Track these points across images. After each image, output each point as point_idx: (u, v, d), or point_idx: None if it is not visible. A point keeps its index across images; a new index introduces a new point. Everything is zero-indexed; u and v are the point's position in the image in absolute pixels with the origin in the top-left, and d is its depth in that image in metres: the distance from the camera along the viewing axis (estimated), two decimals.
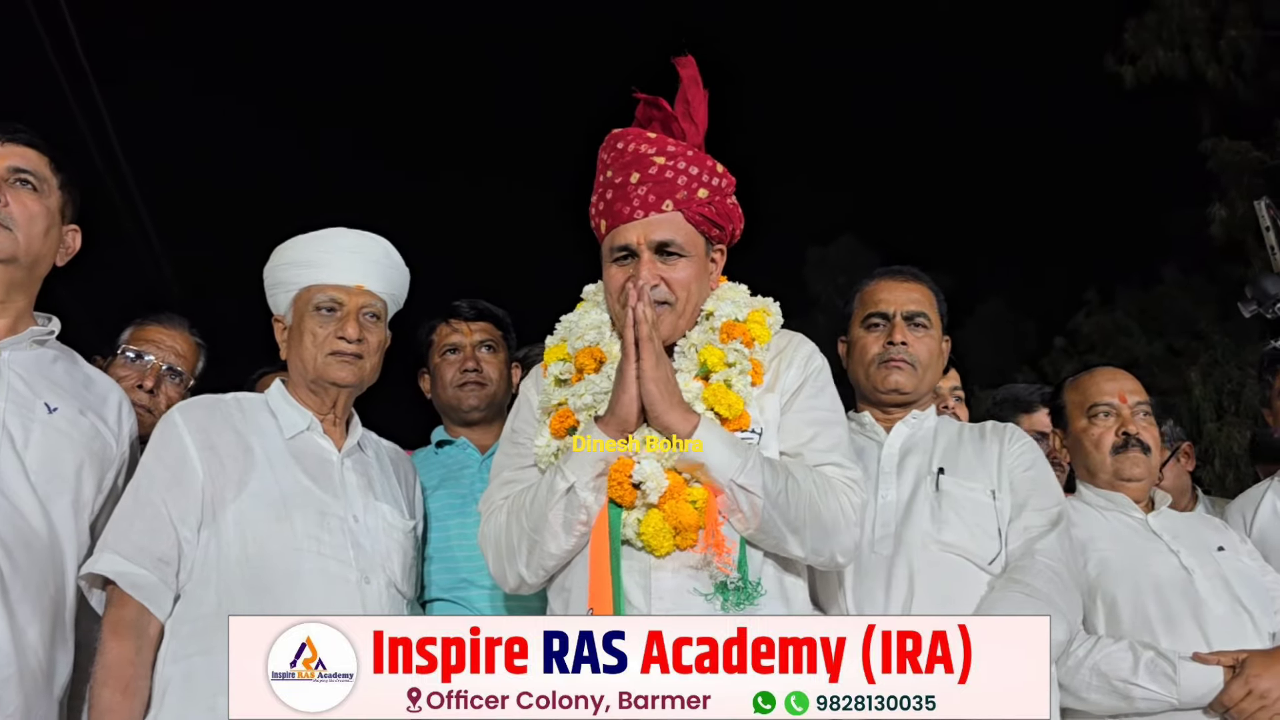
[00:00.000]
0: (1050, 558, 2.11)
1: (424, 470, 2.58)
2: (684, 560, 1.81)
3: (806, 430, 1.96)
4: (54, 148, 2.14)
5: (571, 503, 1.83)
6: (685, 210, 1.98)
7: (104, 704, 1.86)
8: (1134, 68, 11.70)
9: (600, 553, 1.81)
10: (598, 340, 2.03)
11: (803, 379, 2.01)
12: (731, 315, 2.02)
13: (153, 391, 2.59)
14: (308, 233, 2.24)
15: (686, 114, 2.05)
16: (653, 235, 1.97)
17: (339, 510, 2.08)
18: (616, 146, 2.03)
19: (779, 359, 2.04)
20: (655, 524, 1.80)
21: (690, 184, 1.99)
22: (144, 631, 1.92)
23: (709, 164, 2.03)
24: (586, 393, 1.96)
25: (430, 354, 2.80)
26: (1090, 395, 2.57)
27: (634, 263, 1.97)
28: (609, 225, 2.01)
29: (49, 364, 2.10)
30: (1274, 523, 2.65)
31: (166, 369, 2.64)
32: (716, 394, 1.91)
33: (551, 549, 1.87)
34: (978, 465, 2.27)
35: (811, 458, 1.93)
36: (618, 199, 1.99)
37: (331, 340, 2.14)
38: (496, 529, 1.95)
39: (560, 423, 1.97)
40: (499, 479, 2.03)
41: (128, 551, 1.94)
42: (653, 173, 1.98)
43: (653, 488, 1.80)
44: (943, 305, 2.45)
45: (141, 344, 2.65)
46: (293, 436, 2.13)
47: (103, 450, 2.09)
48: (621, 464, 1.82)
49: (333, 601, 1.97)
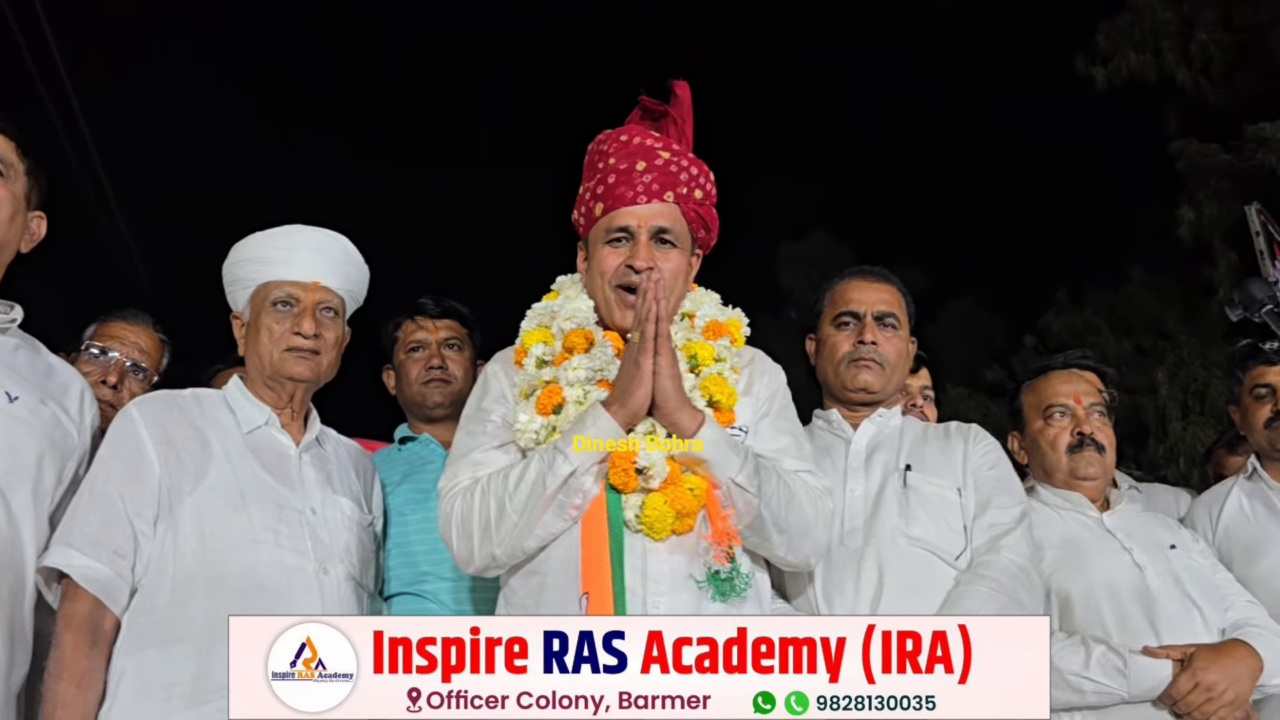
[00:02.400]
0: (1015, 554, 2.15)
1: (387, 467, 2.58)
2: (680, 545, 1.83)
3: (782, 438, 2.03)
4: (21, 132, 2.10)
5: (570, 487, 1.82)
6: (684, 204, 2.05)
7: (57, 698, 1.84)
8: (1105, 69, 11.79)
9: (596, 536, 1.81)
10: (586, 323, 2.04)
11: (774, 390, 2.09)
12: (714, 316, 2.09)
13: (116, 387, 2.57)
14: (267, 229, 2.23)
15: (680, 130, 2.14)
16: (653, 221, 2.02)
17: (296, 503, 2.08)
18: (620, 139, 2.10)
19: (750, 367, 2.09)
20: (658, 507, 1.81)
21: (690, 181, 2.06)
22: (99, 625, 1.91)
23: (705, 170, 2.11)
24: (581, 367, 1.97)
25: (395, 350, 2.80)
26: (1045, 397, 2.62)
27: (629, 245, 2.02)
28: (608, 208, 2.04)
29: (10, 352, 2.07)
30: (1239, 518, 2.71)
31: (130, 365, 2.63)
32: (715, 383, 1.95)
33: (538, 530, 1.84)
34: (943, 463, 2.31)
35: (789, 464, 1.98)
36: (621, 183, 2.03)
37: (288, 336, 2.14)
38: (465, 509, 1.89)
39: (548, 399, 1.96)
40: (466, 460, 1.98)
41: (83, 545, 1.93)
42: (659, 164, 2.04)
43: (656, 474, 1.82)
44: (910, 306, 2.49)
45: (105, 340, 2.63)
46: (250, 431, 2.13)
47: (64, 440, 2.07)
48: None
49: (291, 593, 1.98)
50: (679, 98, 2.16)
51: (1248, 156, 10.78)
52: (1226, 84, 11.85)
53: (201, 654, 1.88)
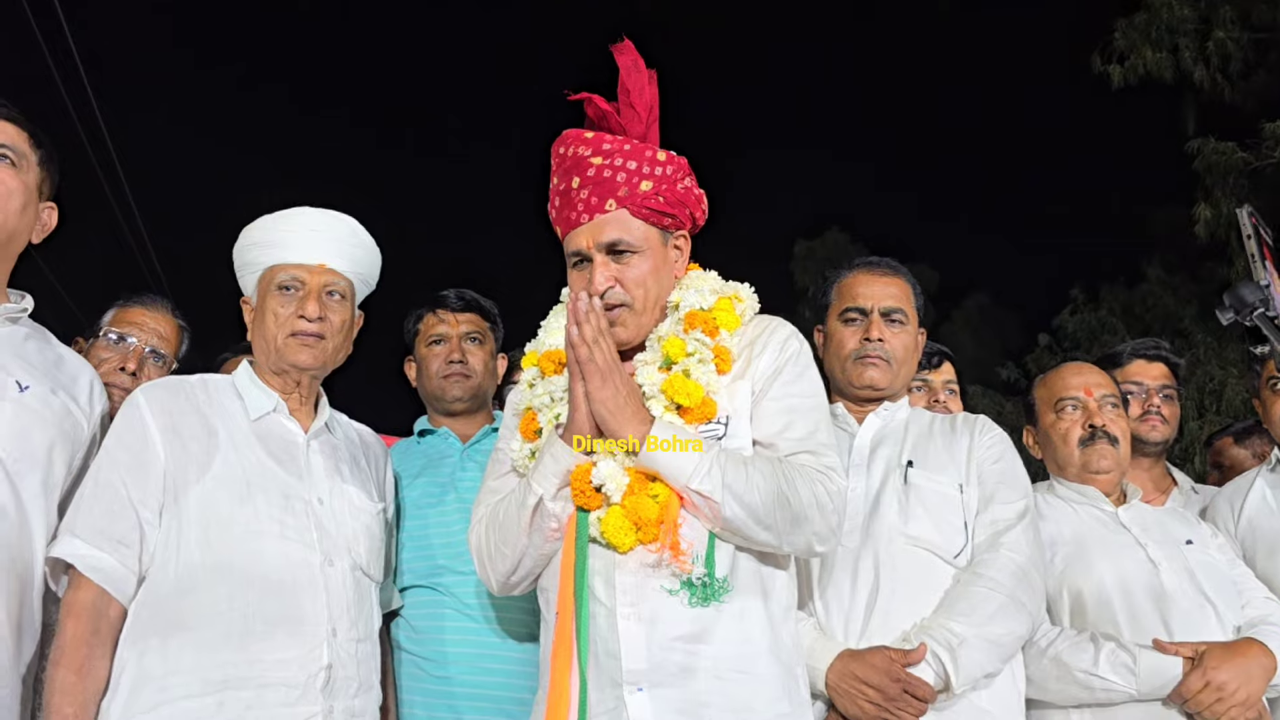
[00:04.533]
0: (1015, 551, 2.12)
1: (406, 459, 2.59)
2: (646, 556, 1.81)
3: (780, 419, 1.93)
4: (34, 123, 2.10)
5: (541, 513, 1.85)
6: (630, 206, 1.95)
7: (57, 684, 1.84)
8: (1122, 67, 11.72)
9: (568, 555, 1.83)
10: (561, 343, 2.01)
11: (778, 364, 1.97)
12: (695, 304, 2.00)
13: (135, 374, 2.55)
14: (274, 212, 2.21)
15: (627, 103, 2.01)
16: (600, 237, 1.94)
17: (303, 493, 2.06)
18: (559, 152, 2.02)
19: (752, 345, 2.00)
20: (616, 521, 1.80)
21: (630, 179, 1.95)
22: (103, 614, 1.91)
23: (649, 154, 1.98)
24: (544, 392, 1.98)
25: (416, 343, 2.80)
26: (1057, 390, 2.59)
27: (589, 267, 1.96)
28: (562, 231, 2.01)
29: (21, 342, 2.07)
30: (1263, 510, 2.66)
31: (149, 351, 2.61)
32: (674, 384, 1.89)
33: (529, 555, 1.90)
34: (947, 458, 2.28)
35: (785, 447, 1.90)
36: (564, 205, 1.98)
37: (292, 320, 2.12)
38: (479, 538, 1.97)
39: (528, 425, 1.99)
40: (485, 487, 2.05)
41: (88, 535, 1.92)
42: (591, 175, 1.95)
43: (613, 488, 1.81)
44: (919, 298, 2.46)
45: (124, 326, 2.61)
46: (258, 418, 2.11)
47: (74, 430, 2.07)
48: (581, 470, 1.83)
49: (295, 585, 1.97)
50: (620, 65, 2.01)
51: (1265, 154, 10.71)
52: (1244, 82, 11.78)
53: (202, 645, 1.88)
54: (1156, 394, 2.83)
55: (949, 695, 2.00)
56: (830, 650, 2.05)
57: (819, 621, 2.13)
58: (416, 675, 2.35)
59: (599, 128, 2.03)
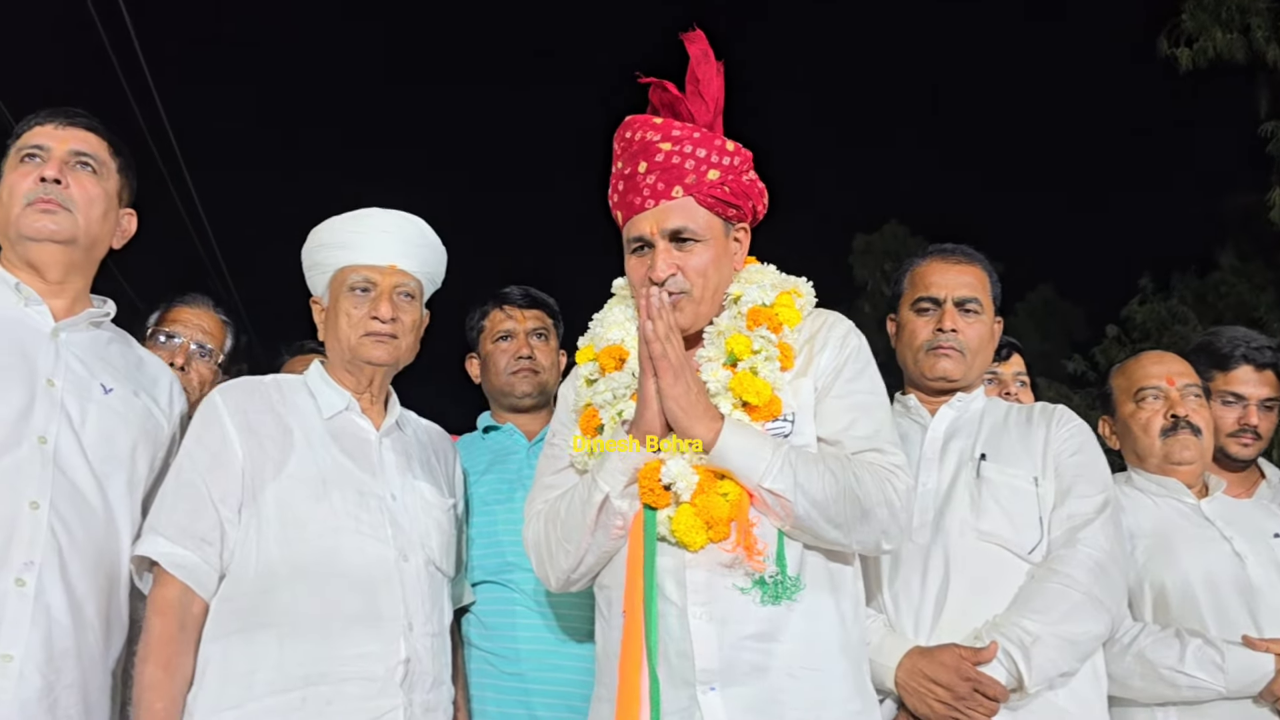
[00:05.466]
0: (1092, 547, 2.07)
1: (471, 455, 2.61)
2: (718, 555, 1.80)
3: (845, 416, 1.92)
4: (112, 132, 2.17)
5: (607, 510, 1.84)
6: (697, 194, 1.94)
7: (146, 680, 1.89)
8: (1190, 50, 11.41)
9: (635, 554, 1.82)
10: (621, 338, 2.02)
11: (839, 362, 1.96)
12: (758, 300, 1.98)
13: (184, 369, 2.61)
14: (343, 214, 2.25)
15: (696, 92, 2.01)
16: (665, 224, 1.94)
17: (377, 489, 2.09)
18: (625, 136, 2.02)
19: (811, 342, 1.99)
20: (687, 520, 1.79)
21: (699, 166, 1.95)
22: (187, 610, 1.95)
23: (718, 143, 1.98)
24: (606, 389, 1.97)
25: (481, 340, 2.81)
26: (1136, 379, 2.54)
27: (651, 253, 1.95)
28: (624, 216, 2.00)
29: (104, 345, 2.14)
30: None
31: (196, 347, 2.67)
32: (743, 382, 1.88)
33: (592, 551, 1.89)
34: (1022, 451, 2.23)
35: (851, 445, 1.89)
36: (629, 190, 1.97)
37: (366, 320, 2.15)
38: (536, 534, 1.97)
39: (588, 422, 1.98)
40: (540, 483, 2.05)
41: (171, 533, 1.97)
42: (659, 160, 1.95)
43: (683, 487, 1.80)
44: (996, 286, 2.40)
45: (170, 325, 2.69)
46: (331, 417, 2.15)
47: (155, 431, 2.14)
48: (649, 468, 1.82)
49: (371, 581, 2.00)
50: (691, 55, 2.01)
51: None
52: None
53: (284, 641, 1.92)
54: (1257, 409, 2.63)
55: (1022, 695, 1.96)
56: (900, 647, 2.03)
57: (888, 619, 2.11)
58: (488, 671, 2.37)
59: (665, 116, 2.03)
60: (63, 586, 1.86)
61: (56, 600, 1.85)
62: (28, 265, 2.05)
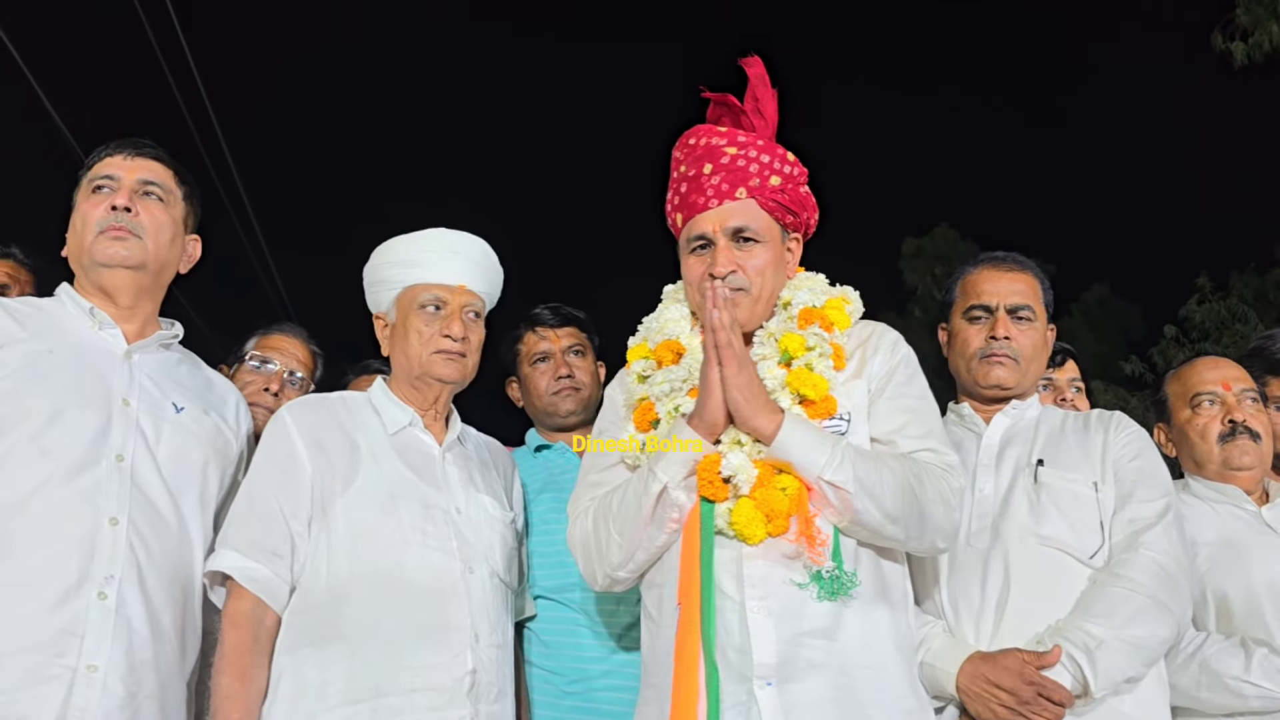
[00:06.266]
0: (1156, 551, 2.05)
1: (526, 472, 2.61)
2: (776, 548, 1.81)
3: (898, 417, 1.95)
4: (177, 161, 2.25)
5: (664, 502, 1.85)
6: (759, 197, 2.01)
7: (224, 690, 1.94)
8: (1245, 44, 11.18)
9: (691, 547, 1.82)
10: (677, 333, 2.06)
11: (891, 366, 2.00)
12: (808, 302, 2.03)
13: (277, 395, 2.70)
14: (409, 233, 2.29)
15: (755, 110, 2.08)
16: (728, 222, 1.99)
17: (442, 503, 2.14)
18: (689, 143, 2.08)
19: (864, 347, 2.03)
20: (747, 512, 1.80)
21: (762, 171, 2.02)
22: (260, 622, 2.00)
23: (780, 152, 2.06)
24: (664, 381, 1.99)
25: (519, 363, 2.82)
26: (1192, 385, 2.51)
27: (711, 251, 2.00)
28: (685, 217, 2.05)
29: (174, 366, 2.21)
30: None
31: (288, 375, 2.76)
32: (800, 377, 1.92)
33: (645, 546, 1.90)
34: (1080, 456, 2.21)
35: (905, 445, 1.92)
36: (692, 190, 2.02)
37: (437, 339, 2.20)
38: (584, 532, 1.98)
39: (643, 416, 2.00)
40: (585, 481, 2.07)
41: (244, 547, 2.03)
42: (725, 162, 2.01)
43: (743, 480, 1.82)
44: (1048, 293, 2.40)
45: (266, 351, 2.78)
46: (396, 432, 2.20)
47: (224, 448, 2.20)
48: (709, 460, 1.83)
49: (439, 592, 2.04)
50: (751, 78, 2.09)
51: None
52: None
53: (355, 653, 1.96)
54: None
55: (1087, 700, 1.94)
56: (960, 652, 2.02)
57: (946, 624, 2.11)
58: (548, 690, 2.38)
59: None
60: (141, 599, 1.92)
61: (136, 613, 1.91)
62: (100, 290, 2.12)
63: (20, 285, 2.76)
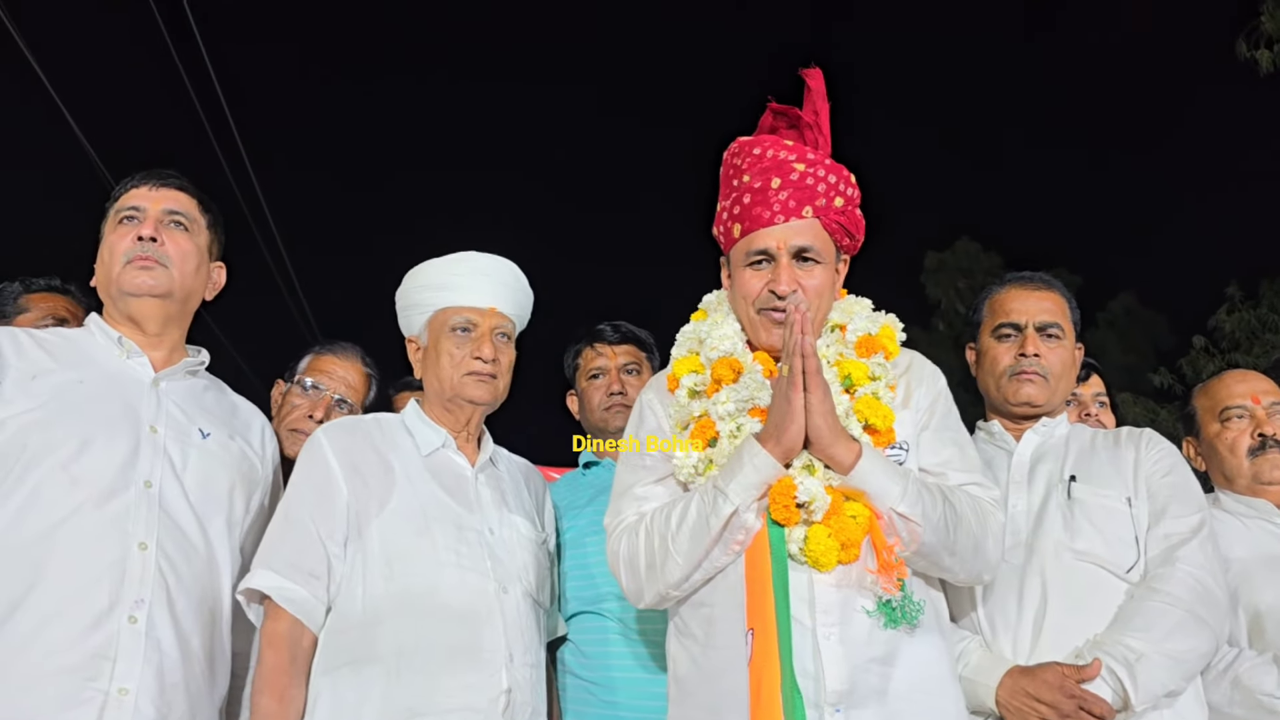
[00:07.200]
0: (1192, 564, 2.05)
1: (574, 491, 2.65)
2: (847, 575, 1.81)
3: (947, 449, 1.98)
4: (201, 191, 2.29)
5: (733, 524, 1.83)
6: (824, 217, 2.00)
7: (262, 710, 1.96)
8: (1271, 52, 11.09)
9: (760, 571, 1.79)
10: (731, 349, 2.03)
11: (934, 397, 2.03)
12: (866, 330, 2.03)
13: (322, 421, 2.64)
14: (440, 256, 2.32)
15: (815, 123, 2.07)
16: (793, 240, 1.97)
17: (475, 524, 2.16)
18: (753, 152, 2.05)
19: (907, 376, 2.04)
20: (821, 539, 1.79)
21: (829, 191, 2.00)
22: (298, 642, 2.02)
23: (844, 173, 2.05)
24: (730, 400, 1.96)
25: (577, 377, 2.86)
26: (1221, 399, 2.51)
27: (770, 267, 1.98)
28: (745, 229, 2.01)
29: (201, 392, 2.24)
30: None
31: (337, 400, 2.73)
32: (870, 406, 1.91)
33: (704, 567, 1.87)
34: (1112, 473, 2.22)
35: (954, 478, 1.94)
36: (757, 203, 2.00)
37: (468, 361, 2.22)
38: (632, 547, 1.93)
39: (702, 432, 1.97)
40: (628, 495, 2.01)
41: (281, 568, 2.05)
42: (794, 179, 1.99)
43: (818, 507, 1.81)
44: (1075, 312, 2.42)
45: (317, 374, 2.74)
46: (429, 454, 2.22)
47: (250, 472, 2.23)
48: (784, 485, 1.81)
49: (474, 613, 2.05)
50: (812, 89, 2.08)
51: None
52: None
53: (390, 674, 1.98)
54: None
55: (1127, 714, 1.94)
56: (999, 667, 2.02)
57: (983, 639, 2.11)
58: (586, 700, 2.38)
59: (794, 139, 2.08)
60: (171, 623, 1.94)
61: (166, 636, 1.93)
62: (128, 319, 2.16)
63: (77, 322, 2.73)
